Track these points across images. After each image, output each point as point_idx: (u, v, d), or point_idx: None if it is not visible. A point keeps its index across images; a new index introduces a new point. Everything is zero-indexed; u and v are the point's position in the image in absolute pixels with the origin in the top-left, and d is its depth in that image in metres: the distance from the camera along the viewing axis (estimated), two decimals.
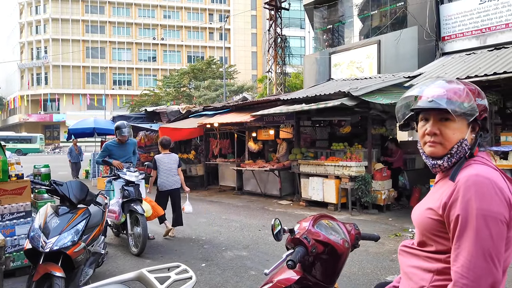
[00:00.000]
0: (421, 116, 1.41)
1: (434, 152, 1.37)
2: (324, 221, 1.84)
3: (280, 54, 18.66)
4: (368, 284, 4.36)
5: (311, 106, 8.47)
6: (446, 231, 1.29)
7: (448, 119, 1.33)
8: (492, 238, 1.19)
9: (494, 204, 1.20)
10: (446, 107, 1.29)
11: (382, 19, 14.60)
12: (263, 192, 10.93)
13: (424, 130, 1.38)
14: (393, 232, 6.66)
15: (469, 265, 1.18)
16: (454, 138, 1.33)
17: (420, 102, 1.35)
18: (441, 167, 1.37)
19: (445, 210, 1.27)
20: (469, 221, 1.20)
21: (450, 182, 1.31)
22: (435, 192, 1.39)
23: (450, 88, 1.33)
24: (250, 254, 5.48)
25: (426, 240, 1.36)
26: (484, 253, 1.18)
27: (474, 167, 1.30)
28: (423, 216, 1.35)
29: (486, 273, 1.17)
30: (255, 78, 44.45)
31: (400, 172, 9.54)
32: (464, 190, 1.23)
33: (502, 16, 10.04)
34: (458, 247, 1.22)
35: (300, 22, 43.03)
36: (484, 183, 1.23)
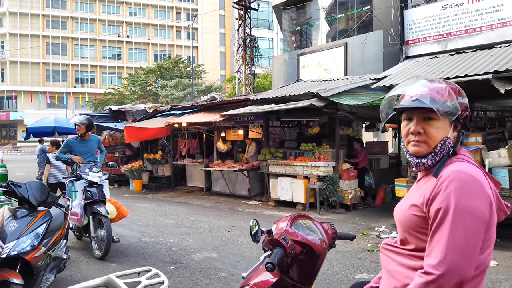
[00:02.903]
0: (404, 115, 1.40)
1: (418, 151, 1.37)
2: (302, 221, 1.80)
3: (249, 55, 18.64)
4: (337, 282, 4.40)
5: (281, 107, 8.49)
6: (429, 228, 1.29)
7: (432, 118, 1.33)
8: (468, 234, 1.19)
9: (474, 200, 1.21)
10: (430, 106, 1.29)
11: (348, 22, 14.90)
12: (232, 192, 10.86)
13: (408, 129, 1.38)
14: (360, 231, 6.77)
15: (441, 258, 1.18)
16: (438, 136, 1.34)
17: (404, 102, 1.35)
18: (425, 165, 1.37)
19: (427, 205, 1.28)
20: (447, 215, 1.20)
21: (433, 178, 1.32)
22: (418, 189, 1.39)
23: (433, 87, 1.33)
24: (219, 256, 5.40)
25: (410, 238, 1.35)
26: (457, 247, 1.18)
27: (457, 164, 1.31)
28: (407, 213, 1.35)
29: (457, 268, 1.17)
30: (223, 78, 44.26)
31: (366, 172, 9.76)
32: (445, 185, 1.24)
33: (462, 22, 10.50)
34: (434, 240, 1.22)
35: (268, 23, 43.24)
36: (465, 179, 1.24)
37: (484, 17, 10.16)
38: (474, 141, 6.63)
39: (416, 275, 1.24)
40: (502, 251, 5.39)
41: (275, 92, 10.76)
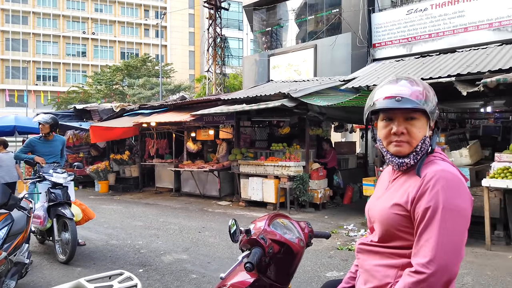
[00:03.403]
0: (382, 116, 1.39)
1: (401, 151, 1.37)
2: (279, 220, 1.79)
3: (220, 54, 18.54)
4: (309, 281, 4.43)
5: (252, 107, 8.49)
6: (412, 227, 1.30)
7: (414, 118, 1.34)
8: (457, 232, 1.21)
9: (460, 199, 1.24)
10: (417, 107, 1.30)
11: (318, 24, 15.11)
12: (202, 193, 10.75)
13: (389, 130, 1.37)
14: (330, 230, 6.87)
15: (432, 256, 1.19)
16: (419, 136, 1.35)
17: (388, 102, 1.33)
18: (408, 165, 1.37)
19: (412, 204, 1.28)
20: (436, 214, 1.21)
21: (415, 177, 1.33)
22: (398, 189, 1.39)
23: (415, 88, 1.34)
24: (190, 257, 5.32)
25: (390, 236, 1.35)
26: (446, 246, 1.19)
27: (439, 163, 1.33)
28: (389, 212, 1.34)
29: (448, 267, 1.19)
30: (192, 78, 43.76)
31: (334, 171, 9.93)
32: (431, 184, 1.25)
33: (426, 27, 10.89)
34: (422, 239, 1.23)
35: (238, 23, 43.19)
36: (451, 179, 1.26)
37: (446, 22, 10.58)
38: (438, 141, 6.88)
39: (405, 274, 1.24)
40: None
41: (246, 92, 10.75)
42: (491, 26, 9.93)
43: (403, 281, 1.23)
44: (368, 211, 1.50)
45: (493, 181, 5.47)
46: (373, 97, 1.39)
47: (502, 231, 5.84)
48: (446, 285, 1.20)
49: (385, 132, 1.38)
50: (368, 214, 1.50)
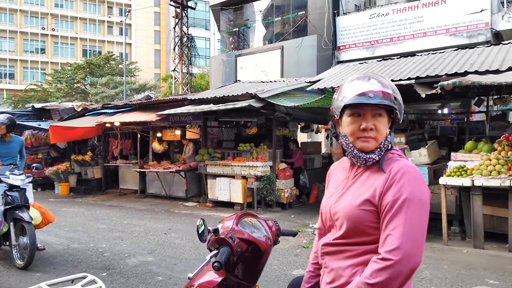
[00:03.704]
0: (350, 111, 1.41)
1: (368, 146, 1.40)
2: (247, 219, 1.80)
3: (186, 54, 18.33)
4: (275, 279, 4.48)
5: (220, 107, 8.47)
6: (378, 221, 1.34)
7: (380, 114, 1.39)
8: (421, 222, 1.28)
9: (423, 192, 1.32)
10: (389, 104, 1.36)
11: (284, 26, 15.30)
12: (168, 194, 10.59)
13: (358, 126, 1.40)
14: (296, 228, 6.97)
15: (398, 244, 1.24)
16: (384, 133, 1.41)
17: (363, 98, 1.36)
18: (373, 160, 1.41)
19: (380, 198, 1.33)
20: (402, 205, 1.27)
21: (378, 173, 1.38)
22: (362, 185, 1.42)
23: (385, 86, 1.39)
24: (156, 259, 5.23)
25: (356, 232, 1.38)
26: (412, 235, 1.25)
27: (401, 159, 1.40)
28: (357, 209, 1.37)
29: (413, 255, 1.24)
30: (158, 77, 42.99)
31: (301, 171, 10.08)
32: (398, 177, 1.31)
33: (388, 31, 11.29)
34: (389, 228, 1.28)
35: (205, 23, 42.86)
36: (414, 173, 1.34)
37: (407, 27, 11.02)
38: (398, 141, 7.16)
39: (372, 261, 1.28)
40: None
41: (213, 92, 10.70)
42: (448, 31, 10.45)
43: (370, 268, 1.27)
44: (328, 210, 1.49)
45: (450, 179, 5.75)
46: (343, 93, 1.42)
47: (457, 226, 6.15)
48: (411, 272, 1.25)
49: (353, 128, 1.41)
50: (329, 213, 1.48)
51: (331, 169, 1.66)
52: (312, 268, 1.65)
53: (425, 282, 4.32)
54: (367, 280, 1.26)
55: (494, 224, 5.76)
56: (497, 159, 5.62)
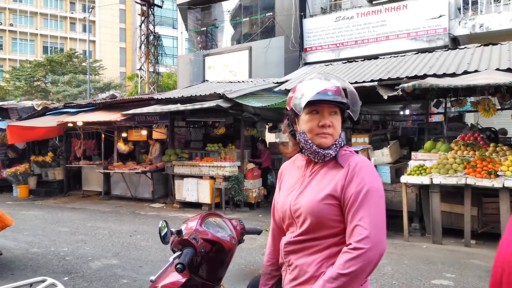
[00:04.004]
0: (308, 109, 1.46)
1: (326, 142, 1.46)
2: (211, 219, 1.81)
3: (153, 52, 18.00)
4: (242, 279, 4.50)
5: (187, 107, 8.39)
6: (341, 214, 1.39)
7: (336, 112, 1.46)
8: (382, 211, 1.37)
9: (379, 183, 1.42)
10: (344, 102, 1.44)
11: (252, 26, 15.35)
12: (134, 195, 10.37)
13: (317, 122, 1.45)
14: (264, 228, 6.98)
15: (367, 233, 1.30)
16: (339, 130, 1.49)
17: (323, 95, 1.42)
18: (331, 156, 1.47)
19: (342, 191, 1.39)
20: (365, 195, 1.35)
21: (336, 168, 1.44)
22: (321, 180, 1.45)
23: (342, 85, 1.47)
24: (121, 262, 5.12)
25: (319, 227, 1.41)
26: (377, 223, 1.33)
27: (356, 155, 1.48)
28: (320, 204, 1.40)
29: (380, 241, 1.31)
30: (124, 76, 41.95)
31: (269, 171, 10.16)
32: (357, 171, 1.39)
33: (352, 34, 11.58)
34: (356, 219, 1.33)
35: (172, 21, 42.26)
36: (369, 166, 1.43)
37: (370, 30, 11.35)
38: (362, 141, 7.37)
39: (343, 252, 1.33)
40: None
41: (180, 92, 10.58)
42: (409, 35, 10.86)
43: (343, 258, 1.32)
44: (288, 207, 1.50)
45: (410, 177, 5.98)
46: (302, 91, 1.47)
47: (418, 223, 6.42)
48: (380, 258, 1.32)
49: (312, 125, 1.46)
50: (289, 210, 1.49)
51: (282, 169, 1.68)
52: (268, 270, 1.66)
53: (387, 277, 4.48)
54: (340, 270, 1.30)
55: (451, 221, 6.05)
56: (454, 158, 5.90)
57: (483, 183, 5.39)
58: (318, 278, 1.37)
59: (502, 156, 5.78)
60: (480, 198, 5.86)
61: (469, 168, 5.67)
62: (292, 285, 1.47)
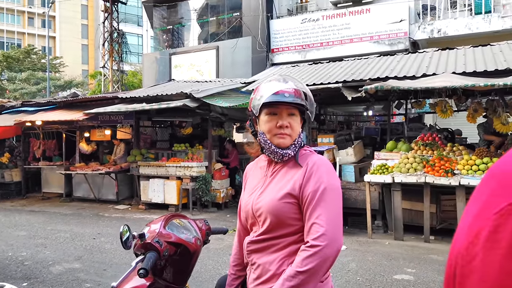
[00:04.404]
0: (267, 110, 1.50)
1: (284, 142, 1.50)
2: (176, 220, 1.78)
3: (117, 50, 17.54)
4: (210, 280, 4.49)
5: (153, 106, 8.25)
6: (299, 212, 1.43)
7: (294, 114, 1.50)
8: (339, 208, 1.41)
9: (337, 180, 1.46)
10: (303, 103, 1.47)
11: (219, 26, 15.30)
12: (98, 197, 10.07)
13: (275, 123, 1.49)
14: (232, 228, 7.00)
15: (324, 231, 1.33)
16: (298, 130, 1.52)
17: (280, 97, 1.45)
18: (289, 156, 1.51)
19: (300, 190, 1.42)
20: (322, 194, 1.38)
21: (296, 167, 1.48)
22: (281, 180, 1.50)
23: (299, 87, 1.50)
24: (83, 266, 4.96)
25: (279, 225, 1.45)
26: (334, 220, 1.37)
27: (314, 154, 1.53)
28: (279, 203, 1.44)
29: (336, 238, 1.35)
30: (86, 73, 40.57)
31: (236, 171, 10.16)
32: (315, 169, 1.43)
33: (318, 36, 11.80)
34: (313, 217, 1.37)
35: (137, 19, 41.34)
36: (327, 165, 1.47)
37: (335, 33, 11.60)
38: (328, 141, 7.53)
39: (301, 250, 1.36)
40: (350, 236, 6.25)
41: (146, 91, 10.39)
42: (372, 39, 11.20)
43: (300, 256, 1.35)
44: (251, 207, 1.53)
45: (373, 176, 6.18)
46: (260, 92, 1.51)
47: (380, 220, 6.64)
48: (336, 254, 1.36)
49: (270, 126, 1.50)
50: (251, 210, 1.52)
51: (247, 170, 1.72)
52: (234, 271, 1.68)
53: (351, 273, 4.61)
54: (298, 268, 1.33)
55: (412, 217, 6.31)
56: (414, 158, 6.15)
57: (441, 181, 5.66)
58: (280, 276, 1.40)
59: (458, 156, 6.09)
60: (438, 196, 6.14)
61: (428, 167, 5.93)
62: (255, 284, 1.49)
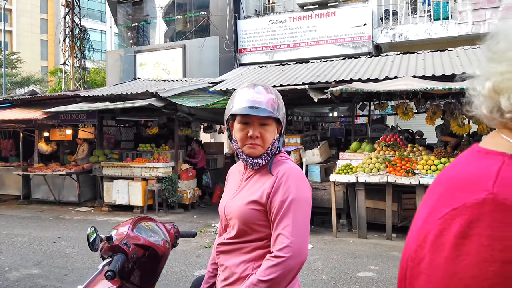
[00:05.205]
0: (239, 119, 1.50)
1: (255, 152, 1.50)
2: (144, 223, 1.76)
3: (79, 46, 16.92)
4: (177, 282, 4.44)
5: (117, 105, 8.04)
6: (266, 220, 1.44)
7: (266, 124, 1.49)
8: (305, 218, 1.42)
9: (305, 191, 1.46)
10: (272, 115, 1.45)
11: (186, 24, 15.11)
12: (58, 199, 9.68)
13: (246, 133, 1.48)
14: (199, 229, 6.97)
15: (288, 242, 1.35)
16: (270, 139, 1.51)
17: (247, 109, 1.44)
18: (260, 165, 1.52)
19: (268, 199, 1.43)
20: (290, 205, 1.39)
21: (267, 175, 1.48)
22: (251, 186, 1.52)
23: (270, 96, 1.49)
24: (43, 271, 4.76)
25: (247, 231, 1.47)
26: (299, 232, 1.38)
27: (288, 162, 1.52)
28: (246, 208, 1.46)
29: (301, 249, 1.37)
30: (45, 70, 38.88)
31: (204, 171, 10.09)
32: (284, 179, 1.43)
33: (285, 37, 11.92)
34: (279, 227, 1.38)
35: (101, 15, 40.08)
36: (297, 174, 1.47)
37: (302, 35, 11.77)
38: (294, 142, 7.63)
39: (266, 259, 1.38)
40: (316, 235, 6.36)
41: (110, 89, 10.11)
42: (337, 41, 11.45)
43: (264, 265, 1.37)
44: (223, 210, 1.57)
45: (338, 176, 6.33)
46: (233, 101, 1.51)
47: (345, 219, 6.81)
48: (301, 266, 1.38)
49: (242, 135, 1.50)
50: (224, 213, 1.56)
51: (230, 171, 1.74)
52: (211, 269, 1.70)
53: (317, 272, 4.70)
54: (261, 277, 1.34)
55: (375, 216, 6.52)
56: (377, 158, 6.36)
57: (402, 181, 5.88)
58: (244, 280, 1.43)
59: (418, 156, 6.36)
60: (399, 195, 6.38)
61: (390, 167, 6.14)
62: (223, 285, 1.52)
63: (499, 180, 0.57)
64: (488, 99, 0.66)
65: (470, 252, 0.53)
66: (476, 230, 0.54)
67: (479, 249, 0.53)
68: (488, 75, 0.66)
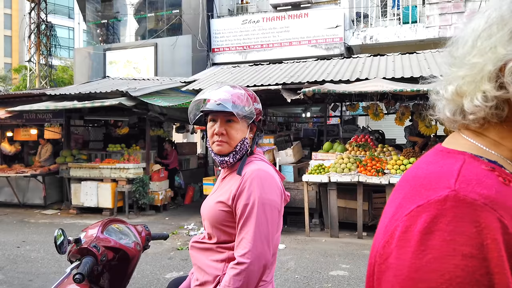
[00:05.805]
0: (209, 117, 1.51)
1: (221, 150, 1.49)
2: (114, 225, 1.71)
3: (45, 43, 16.32)
4: (148, 285, 4.35)
5: (85, 104, 7.80)
6: (234, 221, 1.43)
7: (232, 120, 1.49)
8: (268, 223, 1.39)
9: (272, 193, 1.43)
10: (231, 110, 1.43)
11: (158, 23, 14.86)
12: (22, 202, 9.28)
13: (213, 130, 1.49)
14: (170, 231, 6.86)
15: (250, 247, 1.34)
16: (237, 137, 1.50)
17: (210, 105, 1.47)
18: (228, 163, 1.51)
19: (234, 201, 1.41)
20: (253, 209, 1.37)
21: (237, 176, 1.46)
22: (223, 186, 1.52)
23: (235, 93, 1.48)
24: (6, 277, 4.55)
25: (217, 232, 1.46)
26: (261, 236, 1.36)
27: (256, 163, 1.50)
28: (215, 209, 1.45)
29: (263, 254, 1.35)
30: (9, 67, 37.28)
31: (176, 172, 9.95)
32: (249, 182, 1.41)
33: (258, 38, 11.94)
34: (242, 232, 1.37)
35: (68, 10, 38.83)
36: (264, 177, 1.44)
37: (275, 35, 11.82)
38: (268, 142, 7.65)
39: (229, 268, 1.36)
40: (289, 235, 6.40)
41: (78, 88, 9.79)
42: (310, 42, 11.57)
43: (228, 275, 1.35)
44: (201, 209, 1.58)
45: (311, 176, 6.38)
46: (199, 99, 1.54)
47: (318, 219, 6.88)
48: (264, 269, 1.37)
49: (210, 132, 1.51)
50: (201, 212, 1.58)
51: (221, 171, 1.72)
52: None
53: (290, 272, 4.71)
54: (225, 286, 1.34)
55: (346, 215, 6.62)
56: (348, 158, 6.46)
57: (373, 180, 6.00)
58: (214, 281, 1.43)
59: (388, 156, 6.51)
60: (370, 194, 6.51)
61: (361, 167, 6.25)
62: (194, 285, 1.51)
63: (460, 178, 0.60)
64: (451, 102, 0.70)
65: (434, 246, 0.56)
66: (439, 225, 0.57)
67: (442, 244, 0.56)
68: (450, 80, 0.70)
